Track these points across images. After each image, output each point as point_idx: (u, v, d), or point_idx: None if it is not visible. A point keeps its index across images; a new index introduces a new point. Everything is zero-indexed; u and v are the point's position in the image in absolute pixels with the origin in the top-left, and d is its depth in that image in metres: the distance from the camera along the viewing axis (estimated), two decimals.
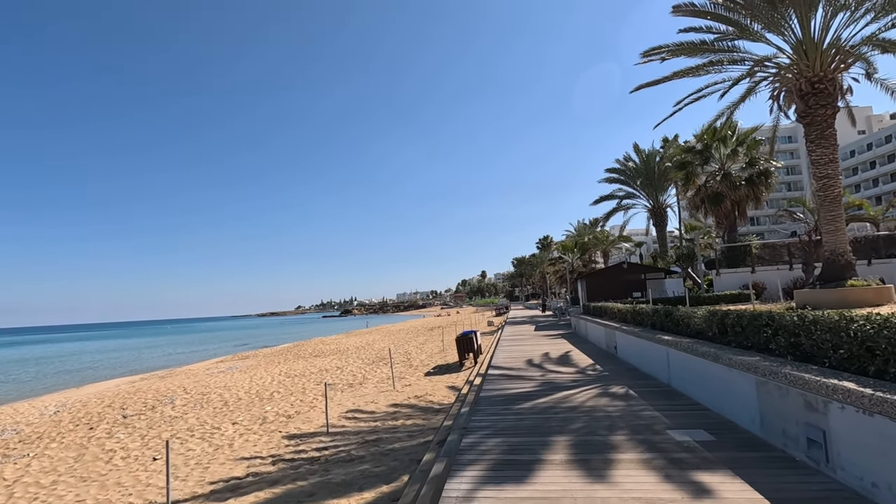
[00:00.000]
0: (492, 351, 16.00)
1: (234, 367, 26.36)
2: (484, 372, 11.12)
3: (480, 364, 14.06)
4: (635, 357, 9.91)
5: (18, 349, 69.56)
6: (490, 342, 21.07)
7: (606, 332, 12.86)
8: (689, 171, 24.27)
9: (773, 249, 22.14)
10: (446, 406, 9.60)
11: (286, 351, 33.53)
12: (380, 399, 11.36)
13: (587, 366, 10.46)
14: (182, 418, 11.71)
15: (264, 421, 10.32)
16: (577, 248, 43.22)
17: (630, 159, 36.85)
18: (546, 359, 12.00)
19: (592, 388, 7.88)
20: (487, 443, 5.26)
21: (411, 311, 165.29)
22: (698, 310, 7.65)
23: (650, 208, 36.09)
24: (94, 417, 13.28)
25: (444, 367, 16.34)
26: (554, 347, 14.64)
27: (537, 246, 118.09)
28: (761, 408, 4.75)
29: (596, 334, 14.64)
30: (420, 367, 16.79)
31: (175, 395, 16.16)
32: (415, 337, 34.84)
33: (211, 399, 14.45)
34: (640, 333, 9.29)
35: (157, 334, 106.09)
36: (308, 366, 21.51)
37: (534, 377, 9.38)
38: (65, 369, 35.26)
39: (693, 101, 16.76)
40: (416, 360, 19.34)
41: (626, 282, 23.36)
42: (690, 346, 6.65)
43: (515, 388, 8.31)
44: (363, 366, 19.10)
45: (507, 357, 12.86)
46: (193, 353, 42.63)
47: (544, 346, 15.36)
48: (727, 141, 23.61)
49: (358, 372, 17.29)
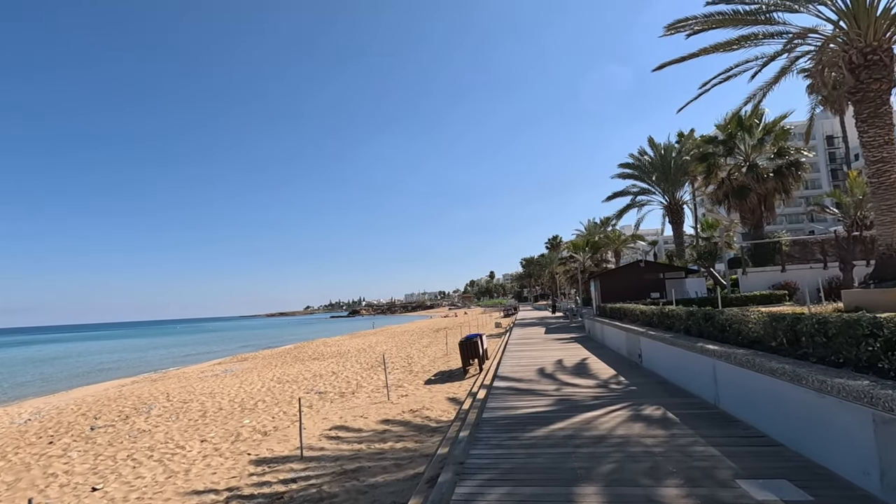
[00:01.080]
0: (499, 357, 14.58)
1: (229, 369, 25.25)
2: (489, 383, 9.72)
3: (486, 372, 12.65)
4: (667, 368, 8.44)
5: (28, 349, 69.51)
6: (497, 346, 19.65)
7: (628, 337, 11.39)
8: (712, 163, 22.65)
9: (804, 247, 20.47)
10: (444, 424, 8.22)
11: (286, 353, 32.37)
12: (371, 413, 10.01)
13: (609, 377, 9.02)
14: (150, 432, 10.45)
15: (237, 438, 9.01)
16: (589, 247, 41.57)
17: (645, 153, 35.19)
18: (560, 368, 10.57)
19: (620, 408, 6.46)
20: (488, 496, 3.86)
21: (419, 312, 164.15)
22: (750, 313, 6.21)
23: (666, 205, 34.39)
24: (62, 428, 12.09)
25: (446, 373, 14.96)
26: (567, 353, 13.19)
27: (546, 246, 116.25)
28: (882, 456, 3.31)
29: (615, 339, 13.17)
30: (420, 374, 15.43)
31: (157, 402, 14.96)
32: (419, 339, 33.50)
33: (191, 408, 13.21)
34: (674, 340, 7.82)
35: (165, 334, 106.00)
36: (303, 370, 20.25)
37: (547, 392, 7.96)
38: (65, 371, 34.42)
39: (721, 81, 15.24)
40: (417, 364, 17.97)
41: (643, 281, 21.79)
42: (749, 359, 5.21)
43: (525, 407, 6.91)
44: (360, 371, 17.78)
45: (515, 365, 11.45)
46: (195, 355, 41.68)
47: (556, 351, 13.91)
48: (753, 130, 21.95)
49: (353, 378, 15.97)
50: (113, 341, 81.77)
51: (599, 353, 12.66)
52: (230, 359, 33.38)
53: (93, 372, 32.36)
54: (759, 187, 20.85)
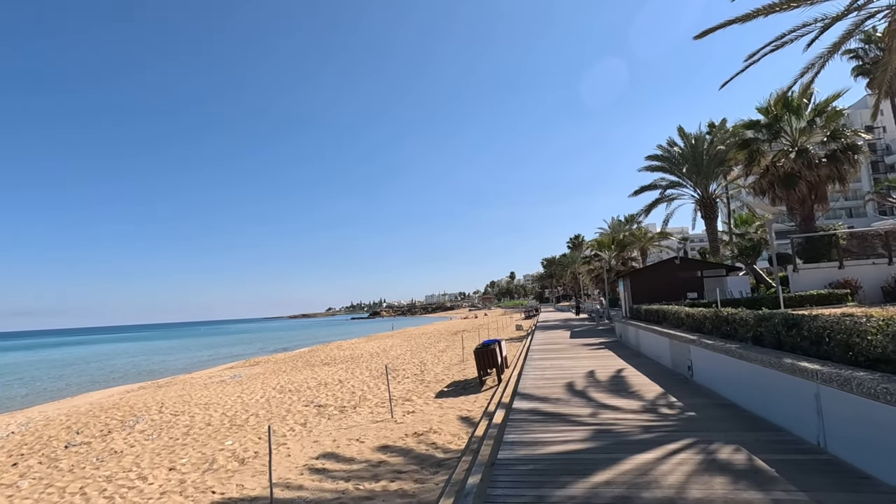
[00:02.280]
0: (519, 365, 12.97)
1: (238, 374, 24.25)
2: (508, 401, 8.14)
3: (505, 384, 11.07)
4: (734, 388, 6.72)
5: (57, 351, 70.68)
6: (518, 352, 18.01)
7: (673, 344, 9.65)
8: (754, 150, 20.54)
9: (864, 240, 18.21)
10: (452, 456, 6.69)
11: (298, 357, 31.29)
12: (369, 435, 8.54)
13: (655, 397, 7.34)
14: (122, 454, 9.20)
15: (210, 467, 7.65)
16: (615, 245, 39.40)
17: (674, 144, 32.93)
18: (592, 382, 8.91)
19: (683, 446, 4.81)
20: None
21: (438, 313, 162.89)
22: (866, 318, 4.50)
23: (698, 199, 32.11)
24: (38, 445, 11.00)
25: (461, 384, 13.41)
26: (599, 363, 11.49)
27: (568, 245, 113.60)
28: None
29: (654, 346, 11.41)
30: (432, 384, 13.92)
31: (148, 413, 13.84)
32: (435, 342, 32.00)
33: (178, 422, 11.98)
34: (744, 353, 6.11)
35: (189, 336, 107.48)
36: (310, 377, 18.97)
37: (580, 417, 6.34)
38: (82, 375, 34.11)
39: (772, 49, 13.38)
40: (429, 372, 16.47)
41: (678, 280, 19.81)
42: (883, 389, 3.53)
43: (554, 441, 5.32)
44: (368, 379, 16.37)
45: (538, 377, 9.83)
46: (209, 359, 41.10)
47: (586, 359, 12.22)
48: (801, 112, 19.77)
49: (359, 388, 14.56)
50: (138, 343, 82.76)
51: (637, 364, 10.93)
52: (243, 363, 32.51)
53: (107, 376, 31.87)
54: (809, 174, 18.69)
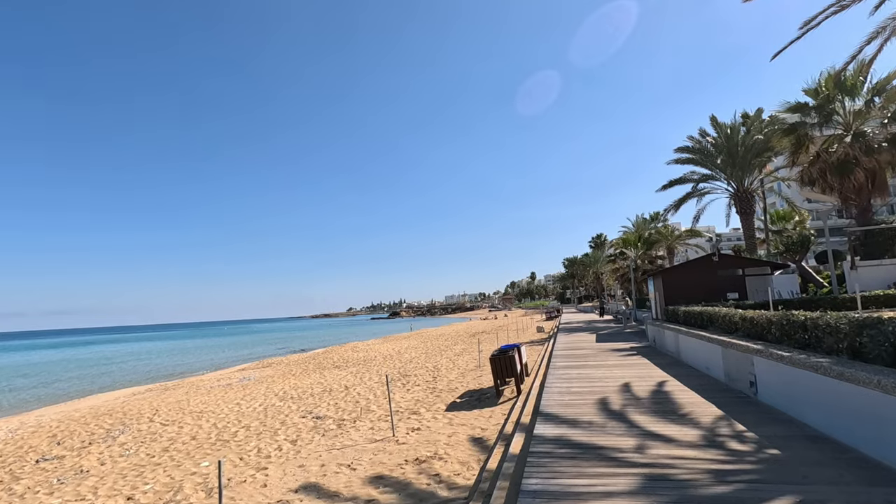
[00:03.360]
0: (542, 374, 11.52)
1: (247, 377, 23.35)
2: (529, 423, 6.74)
3: (525, 397, 9.64)
4: (826, 416, 5.15)
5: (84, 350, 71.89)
6: (539, 356, 16.50)
7: (728, 354, 8.06)
8: (801, 135, 18.57)
9: None
10: (457, 497, 5.30)
11: (311, 359, 30.33)
12: (364, 459, 7.23)
13: (715, 421, 5.82)
14: (87, 474, 8.11)
15: (172, 497, 6.45)
16: (641, 242, 37.33)
17: (706, 135, 30.78)
18: (630, 398, 7.42)
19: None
20: None
21: (458, 314, 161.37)
22: None
23: (733, 193, 29.90)
24: (10, 458, 10.06)
25: (475, 394, 12.01)
26: (634, 372, 9.96)
27: (590, 245, 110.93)
28: None
29: (700, 354, 9.80)
30: (444, 394, 12.56)
31: (139, 421, 12.89)
32: (452, 345, 30.62)
33: (164, 434, 10.92)
34: (851, 374, 4.56)
35: (213, 335, 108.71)
36: (317, 381, 17.84)
37: (622, 453, 4.88)
38: (99, 375, 33.92)
39: (834, 12, 11.59)
40: (442, 379, 15.11)
41: (717, 279, 17.98)
42: None
43: (592, 496, 3.90)
44: (376, 386, 15.11)
45: (564, 391, 8.38)
46: (228, 360, 40.66)
47: (618, 368, 10.69)
48: (856, 91, 17.74)
49: (365, 396, 13.30)
50: (165, 342, 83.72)
51: (679, 375, 9.36)
52: (256, 364, 31.74)
53: (123, 377, 31.47)
54: (867, 160, 16.67)
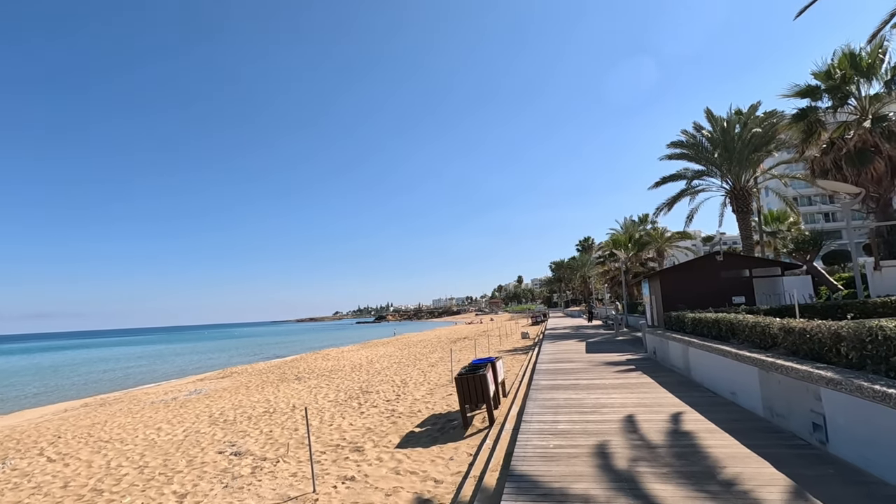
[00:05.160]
0: (521, 396, 9.33)
1: (198, 390, 20.87)
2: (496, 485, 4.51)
3: (498, 430, 7.43)
4: None
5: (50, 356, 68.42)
6: (521, 369, 14.30)
7: (769, 380, 5.89)
8: (813, 121, 16.72)
9: None
10: None
11: (276, 368, 27.79)
12: None
13: (783, 493, 3.65)
14: None
15: None
16: (633, 244, 35.46)
17: (701, 128, 29.01)
18: (640, 444, 5.23)
19: None
20: None
21: (444, 318, 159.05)
22: None
23: (729, 190, 28.16)
24: None
25: (441, 419, 9.75)
26: (636, 396, 7.81)
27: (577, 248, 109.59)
28: None
29: (718, 374, 7.66)
30: (404, 418, 10.27)
31: (30, 451, 10.43)
32: (431, 352, 28.30)
33: (38, 476, 8.49)
34: None
35: (192, 340, 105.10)
36: (265, 398, 15.44)
37: None
38: (52, 384, 31.09)
39: None
40: (407, 398, 12.82)
41: (721, 281, 16.03)
42: None
43: None
44: (330, 405, 12.78)
45: (548, 430, 6.16)
46: (190, 367, 37.88)
47: (615, 390, 8.53)
48: (874, 72, 15.94)
49: (316, 416, 10.96)
50: (138, 347, 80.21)
51: (696, 401, 7.21)
52: (216, 374, 29.08)
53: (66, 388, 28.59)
54: (890, 148, 14.85)
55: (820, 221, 58.88)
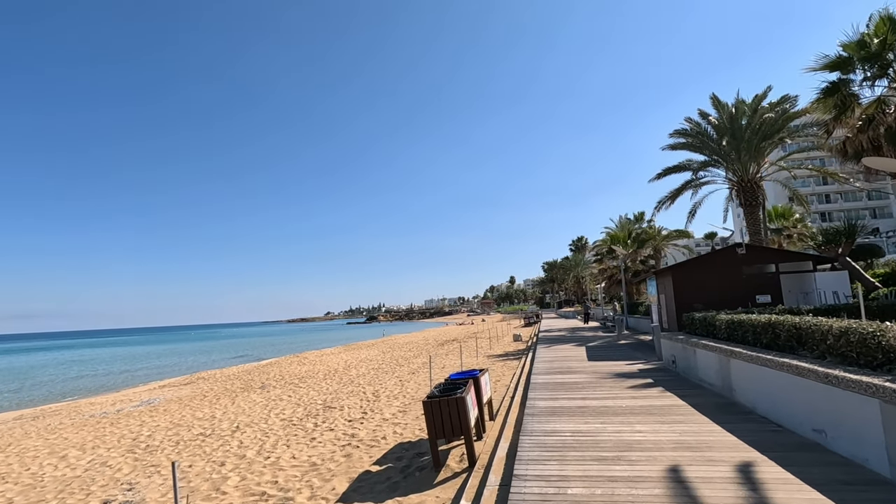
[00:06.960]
0: (512, 424, 7.09)
1: (150, 400, 18.58)
2: None
3: (481, 476, 5.16)
4: None
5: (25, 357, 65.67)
6: (512, 381, 12.02)
7: None
8: (846, 96, 14.68)
9: None
10: None
11: (244, 374, 25.35)
12: None
13: None
14: None
15: None
16: (632, 240, 33.42)
17: (707, 116, 26.98)
18: None
19: None
20: None
21: (436, 319, 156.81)
22: None
23: (737, 182, 26.16)
24: None
25: (408, 452, 7.49)
26: (673, 432, 5.57)
27: (570, 248, 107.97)
28: None
29: (786, 399, 5.43)
30: (362, 449, 8.00)
31: None
32: (415, 356, 26.01)
33: None
34: None
35: (175, 341, 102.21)
36: (212, 415, 13.09)
37: None
38: (16, 390, 28.31)
39: None
40: (373, 418, 10.52)
41: (742, 277, 13.92)
42: None
43: None
44: (280, 427, 10.47)
45: (556, 492, 3.90)
46: (157, 371, 35.36)
47: (635, 417, 6.30)
48: None
49: (238, 453, 8.64)
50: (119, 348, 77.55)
51: (765, 443, 5.00)
52: (179, 380, 26.61)
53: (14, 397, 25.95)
54: None
55: (827, 220, 57.11)
